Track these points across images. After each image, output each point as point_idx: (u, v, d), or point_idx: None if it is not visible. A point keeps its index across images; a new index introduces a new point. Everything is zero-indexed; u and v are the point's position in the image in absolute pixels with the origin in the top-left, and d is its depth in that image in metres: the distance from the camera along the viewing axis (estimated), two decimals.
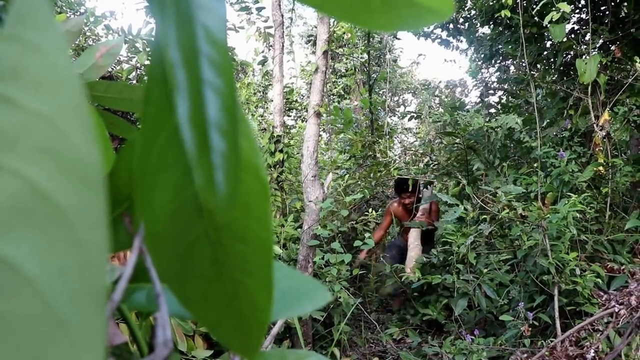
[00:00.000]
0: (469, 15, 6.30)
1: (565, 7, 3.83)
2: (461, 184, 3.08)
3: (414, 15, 0.31)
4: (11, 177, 0.19)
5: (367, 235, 3.68)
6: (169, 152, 0.28)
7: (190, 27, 0.23)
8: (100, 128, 0.57)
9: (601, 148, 4.08)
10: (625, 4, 4.87)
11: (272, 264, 0.30)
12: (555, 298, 3.11)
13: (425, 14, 0.31)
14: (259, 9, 5.20)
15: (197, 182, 0.22)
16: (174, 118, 0.26)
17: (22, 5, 0.23)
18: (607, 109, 4.38)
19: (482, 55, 6.35)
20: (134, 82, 5.14)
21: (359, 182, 5.31)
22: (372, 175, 5.31)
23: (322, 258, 3.38)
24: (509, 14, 4.51)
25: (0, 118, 0.20)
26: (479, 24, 6.27)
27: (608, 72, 4.63)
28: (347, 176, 5.12)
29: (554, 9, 3.91)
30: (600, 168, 3.92)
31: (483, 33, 6.43)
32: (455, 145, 5.16)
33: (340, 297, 3.20)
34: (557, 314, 3.06)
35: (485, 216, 3.51)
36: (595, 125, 4.19)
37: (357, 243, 3.60)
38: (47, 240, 0.18)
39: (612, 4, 4.83)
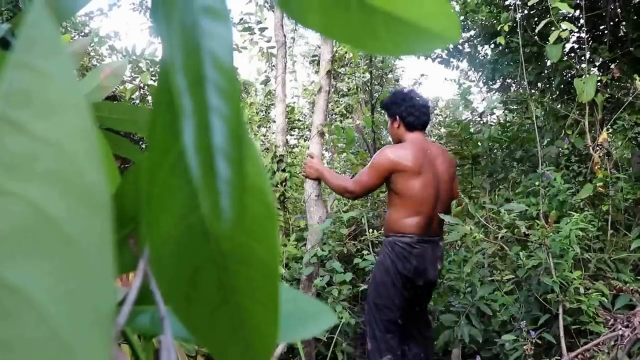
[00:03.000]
0: (470, 35, 6.34)
1: (570, 26, 3.86)
2: (463, 204, 3.07)
3: (419, 40, 0.31)
4: (18, 201, 0.19)
5: (364, 252, 3.66)
6: (175, 177, 0.28)
7: (196, 53, 0.23)
8: (105, 150, 0.57)
9: (600, 166, 4.08)
10: (624, 23, 4.92)
11: (279, 290, 0.30)
12: (560, 317, 3.09)
13: (431, 39, 0.31)
14: (262, 30, 5.24)
15: (202, 209, 0.22)
16: (180, 143, 0.26)
17: (31, 31, 0.23)
18: (606, 127, 4.40)
19: (484, 77, 6.39)
20: (137, 101, 5.17)
21: (361, 201, 5.30)
22: (373, 195, 5.31)
23: (322, 278, 3.37)
24: (503, 42, 4.54)
25: (9, 143, 0.20)
26: (479, 45, 6.32)
27: (608, 90, 4.66)
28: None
29: (553, 28, 3.94)
30: (599, 186, 3.92)
31: (486, 53, 6.47)
32: (461, 160, 5.19)
33: (342, 317, 3.18)
34: (562, 333, 3.03)
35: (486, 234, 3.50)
36: (591, 145, 4.19)
37: (357, 261, 3.57)
38: (54, 265, 0.18)
39: (611, 23, 4.88)
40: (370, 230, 4.16)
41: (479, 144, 5.41)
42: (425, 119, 3.03)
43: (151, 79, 4.89)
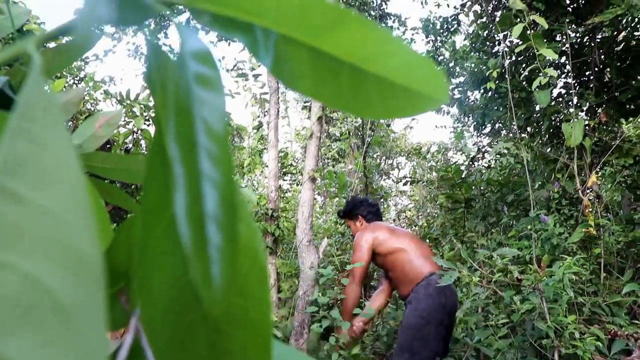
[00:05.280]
0: (459, 82, 6.46)
1: (552, 73, 3.94)
2: (456, 248, 3.06)
3: (409, 104, 0.32)
4: (14, 273, 0.19)
5: (366, 303, 3.60)
6: (168, 239, 0.28)
7: (189, 120, 0.24)
8: (97, 204, 0.57)
9: (591, 210, 4.10)
10: (608, 69, 5.03)
11: (271, 351, 0.30)
12: None
13: (420, 102, 0.32)
14: (256, 76, 5.32)
15: (193, 275, 0.22)
16: (173, 207, 0.26)
17: (29, 97, 0.24)
18: (595, 171, 4.45)
19: (474, 122, 6.48)
20: (131, 145, 5.18)
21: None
22: None
23: (320, 325, 3.31)
24: (494, 86, 4.63)
25: (4, 212, 0.20)
26: (469, 91, 6.43)
27: (596, 134, 4.73)
28: (341, 241, 5.12)
29: (540, 74, 4.02)
30: (591, 229, 3.93)
31: (475, 99, 6.58)
32: (454, 204, 5.20)
33: None
34: None
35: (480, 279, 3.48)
36: (581, 189, 4.23)
37: (357, 311, 3.51)
38: (48, 338, 0.18)
39: (596, 69, 4.99)
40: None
41: (472, 187, 5.44)
42: (379, 213, 3.69)
43: (145, 124, 4.93)
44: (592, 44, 5.01)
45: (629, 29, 4.96)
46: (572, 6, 5.08)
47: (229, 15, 0.29)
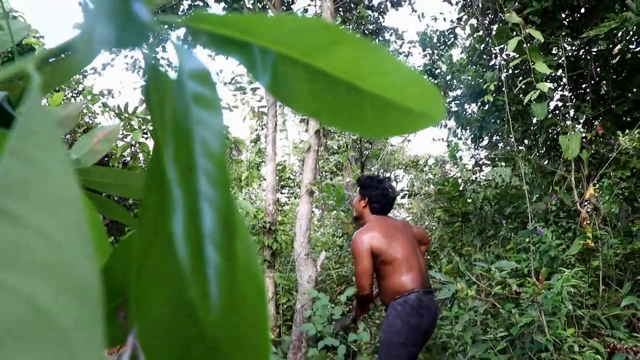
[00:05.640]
0: (457, 95, 6.48)
1: (544, 87, 3.96)
2: (454, 261, 3.06)
3: (406, 122, 0.32)
4: (12, 294, 0.19)
5: (361, 327, 3.59)
6: (166, 258, 0.28)
7: (188, 141, 0.24)
8: (94, 219, 0.57)
9: (589, 222, 4.11)
10: (604, 82, 5.06)
11: None
12: None
13: (417, 120, 0.32)
14: (254, 90, 5.35)
15: (191, 294, 0.22)
16: (171, 226, 0.26)
17: (28, 120, 0.24)
18: (592, 183, 4.46)
19: (472, 135, 6.50)
20: (128, 159, 5.18)
21: (352, 259, 5.27)
22: None
23: (317, 347, 3.30)
24: (491, 99, 4.65)
25: (3, 233, 0.20)
26: (466, 104, 6.46)
27: (593, 146, 4.75)
28: (339, 254, 5.11)
29: (536, 88, 4.05)
30: (589, 241, 3.93)
31: (473, 112, 6.60)
32: (451, 217, 5.21)
33: None
34: None
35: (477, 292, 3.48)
36: (578, 201, 4.24)
37: (352, 337, 3.47)
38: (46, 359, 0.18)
39: (592, 82, 5.02)
40: None
41: (469, 200, 5.45)
42: (388, 209, 3.41)
43: (143, 137, 4.94)
44: (588, 57, 5.05)
45: (623, 42, 5.00)
46: (567, 20, 5.12)
47: (226, 34, 0.29)
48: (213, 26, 0.29)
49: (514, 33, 4.11)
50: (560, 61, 4.70)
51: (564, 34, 4.69)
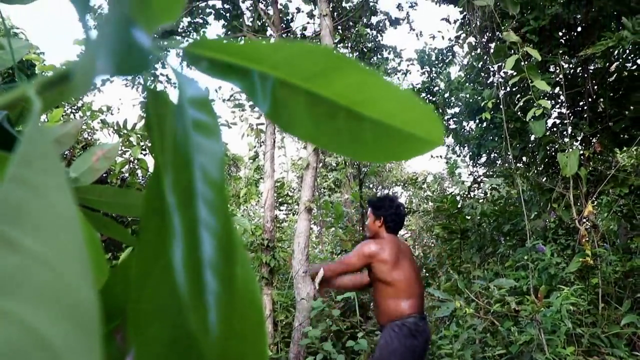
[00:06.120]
0: (455, 112, 6.51)
1: (546, 104, 3.98)
2: (453, 279, 3.05)
3: (406, 147, 0.32)
4: (10, 322, 0.19)
5: (359, 335, 3.59)
6: (165, 282, 0.28)
7: (187, 168, 0.24)
8: (92, 238, 0.57)
9: (587, 239, 4.10)
10: (602, 100, 5.09)
11: None
12: None
13: (416, 145, 0.32)
14: (252, 107, 5.36)
15: (190, 321, 0.22)
16: (170, 251, 0.26)
17: (28, 146, 0.24)
18: (591, 200, 4.46)
19: (470, 153, 6.52)
20: (127, 174, 5.18)
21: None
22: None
23: (314, 359, 3.28)
24: (489, 117, 4.67)
25: (1, 260, 0.20)
26: (464, 121, 6.48)
27: (591, 164, 4.76)
28: None
29: (535, 105, 4.06)
30: (588, 259, 3.93)
31: (471, 129, 6.62)
32: (450, 235, 5.20)
33: None
34: None
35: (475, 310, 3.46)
36: (577, 218, 4.24)
37: (350, 344, 3.49)
38: None
39: (590, 100, 5.05)
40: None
41: (468, 217, 5.44)
42: (401, 227, 3.60)
43: (141, 153, 4.94)
44: (585, 75, 5.08)
45: (620, 60, 5.04)
46: (564, 38, 5.16)
47: (226, 61, 0.29)
48: (213, 52, 0.29)
49: (512, 51, 4.14)
50: (557, 79, 4.72)
51: (561, 52, 4.73)
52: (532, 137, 5.40)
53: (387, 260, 3.28)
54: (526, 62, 4.05)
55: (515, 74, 4.20)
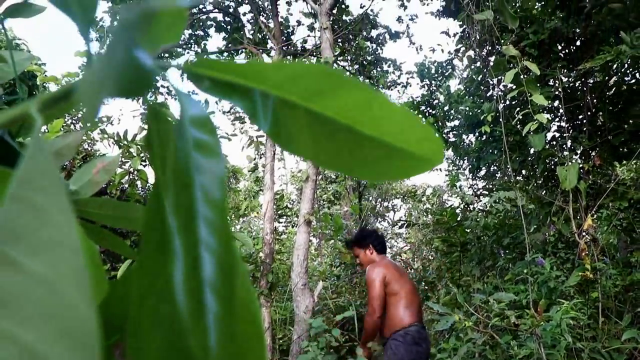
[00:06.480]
0: (454, 125, 6.52)
1: (543, 119, 3.99)
2: (452, 292, 3.04)
3: (406, 166, 0.32)
4: (9, 341, 0.19)
5: (359, 352, 3.59)
6: (165, 301, 0.28)
7: (188, 189, 0.24)
8: (90, 251, 0.57)
9: (587, 253, 4.10)
10: (601, 113, 5.10)
11: None
12: None
13: (416, 164, 0.32)
14: None
15: (190, 342, 0.22)
16: (171, 267, 0.26)
17: (29, 166, 0.24)
18: (590, 214, 4.45)
19: (470, 166, 6.52)
20: (126, 186, 5.18)
21: (349, 289, 5.24)
22: (361, 283, 5.26)
23: None
24: (488, 130, 4.69)
25: (3, 279, 0.20)
26: (464, 134, 6.49)
27: (590, 177, 4.76)
28: (336, 284, 5.07)
29: (534, 119, 4.07)
30: (587, 273, 3.92)
31: (470, 142, 6.63)
32: (449, 248, 5.18)
33: None
34: None
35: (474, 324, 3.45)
36: (577, 232, 4.23)
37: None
38: None
39: (589, 113, 5.06)
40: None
41: (467, 230, 5.43)
42: (385, 247, 3.89)
43: (141, 164, 4.94)
44: (584, 89, 5.10)
45: (619, 74, 5.06)
46: (563, 52, 5.18)
47: (228, 80, 0.30)
48: (215, 72, 0.29)
49: (511, 65, 4.15)
50: (557, 93, 4.74)
51: (560, 66, 4.75)
52: (532, 151, 5.40)
53: (394, 273, 3.50)
54: (525, 76, 4.07)
55: (514, 87, 4.21)
